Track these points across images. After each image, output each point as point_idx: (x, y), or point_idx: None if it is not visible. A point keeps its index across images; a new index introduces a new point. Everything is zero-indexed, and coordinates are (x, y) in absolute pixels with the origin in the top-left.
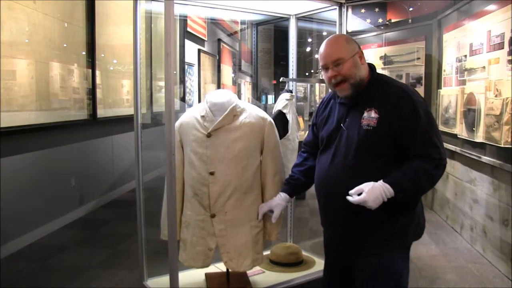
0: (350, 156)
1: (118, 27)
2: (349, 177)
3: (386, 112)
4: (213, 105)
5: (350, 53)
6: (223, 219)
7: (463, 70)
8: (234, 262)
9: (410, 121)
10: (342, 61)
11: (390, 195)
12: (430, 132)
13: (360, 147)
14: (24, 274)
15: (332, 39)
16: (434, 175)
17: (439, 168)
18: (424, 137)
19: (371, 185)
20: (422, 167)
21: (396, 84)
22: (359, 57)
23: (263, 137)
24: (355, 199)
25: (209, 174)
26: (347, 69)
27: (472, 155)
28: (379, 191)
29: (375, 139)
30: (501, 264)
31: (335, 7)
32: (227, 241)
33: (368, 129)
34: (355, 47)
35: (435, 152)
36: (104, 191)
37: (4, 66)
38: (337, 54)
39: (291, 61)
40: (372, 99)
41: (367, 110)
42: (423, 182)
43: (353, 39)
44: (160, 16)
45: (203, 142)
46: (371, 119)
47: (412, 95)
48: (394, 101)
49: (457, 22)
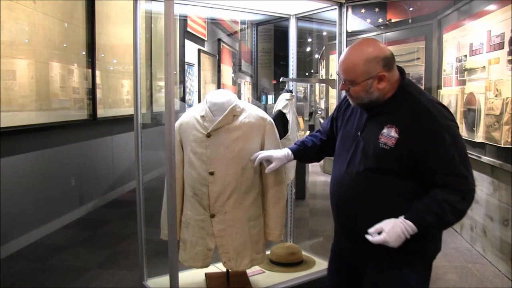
0: (364, 169)
1: (118, 27)
2: (362, 190)
3: (406, 133)
4: (213, 105)
5: (364, 77)
6: (223, 219)
7: (463, 70)
8: (232, 262)
9: (432, 147)
10: (353, 83)
11: (412, 232)
12: (456, 159)
13: (374, 163)
14: (24, 274)
15: (353, 53)
16: (461, 209)
17: (467, 200)
18: (450, 166)
19: (392, 223)
20: (447, 200)
21: (423, 100)
22: (379, 79)
23: (263, 137)
24: (375, 238)
25: (209, 174)
26: (355, 91)
27: (472, 155)
28: (401, 230)
29: (391, 160)
30: (501, 264)
31: (335, 7)
32: (226, 242)
33: (385, 148)
34: (375, 69)
35: (463, 182)
36: (104, 191)
37: (4, 66)
38: (350, 74)
39: (291, 61)
40: (395, 113)
41: (388, 126)
42: (448, 216)
43: (380, 57)
44: (160, 16)
45: (202, 142)
46: (390, 138)
47: (437, 116)
48: (417, 122)
49: (457, 22)
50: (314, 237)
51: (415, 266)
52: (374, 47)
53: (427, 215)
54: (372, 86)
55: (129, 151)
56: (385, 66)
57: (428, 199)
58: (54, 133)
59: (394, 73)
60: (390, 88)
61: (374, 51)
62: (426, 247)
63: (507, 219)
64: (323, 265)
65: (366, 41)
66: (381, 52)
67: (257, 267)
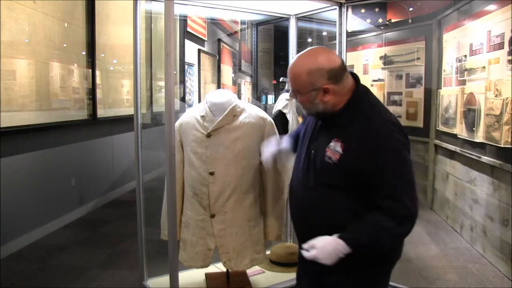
0: (315, 183)
1: (118, 27)
2: (313, 203)
3: (351, 150)
4: (213, 105)
5: (307, 88)
6: (223, 219)
7: (463, 70)
8: (232, 262)
9: (375, 169)
10: (299, 93)
11: (345, 252)
12: (396, 183)
13: (322, 177)
14: (24, 274)
15: (298, 64)
16: (396, 233)
17: (404, 225)
18: (390, 190)
19: (323, 241)
20: (381, 224)
21: (374, 118)
22: (324, 91)
23: (263, 137)
24: (306, 254)
25: (209, 174)
26: (302, 101)
27: (472, 155)
28: (332, 248)
29: (334, 174)
30: (501, 264)
31: (335, 7)
32: (226, 242)
33: (329, 163)
34: (318, 81)
35: (401, 208)
36: (104, 191)
37: (4, 66)
38: (294, 84)
39: (291, 61)
40: (344, 127)
41: (335, 140)
42: (383, 240)
43: (325, 68)
44: (160, 16)
45: (202, 142)
46: (335, 153)
47: (384, 138)
48: (362, 142)
49: (457, 22)
50: None
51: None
52: (321, 58)
53: (361, 236)
54: (317, 98)
55: (129, 151)
56: (330, 78)
57: (364, 221)
58: (54, 133)
59: (343, 85)
60: (341, 100)
61: (319, 63)
62: (383, 259)
63: (507, 219)
64: None
65: (314, 51)
66: (327, 63)
67: (257, 267)
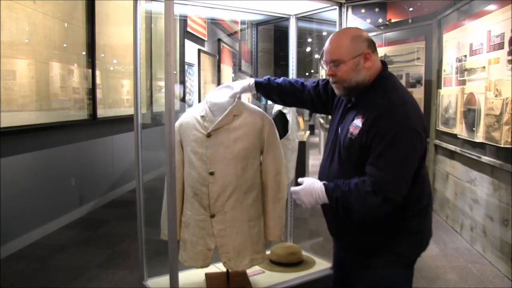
0: (339, 162)
1: (118, 27)
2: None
3: (367, 123)
4: (213, 105)
5: (351, 54)
6: (223, 219)
7: (463, 70)
8: (232, 262)
9: (376, 139)
10: (341, 62)
11: (323, 200)
12: (390, 161)
13: (344, 154)
14: (24, 274)
15: (338, 35)
16: (365, 198)
17: (378, 196)
18: (380, 162)
19: (311, 181)
20: (358, 185)
21: (394, 97)
22: (365, 58)
23: (263, 137)
24: (292, 188)
25: (209, 174)
26: (343, 72)
27: (472, 155)
28: (313, 190)
29: (354, 149)
30: (501, 264)
31: (335, 7)
32: (226, 242)
33: (351, 138)
34: (361, 47)
35: (383, 180)
36: (104, 191)
37: (4, 66)
38: (337, 54)
39: (291, 61)
40: (367, 105)
41: (358, 116)
42: (352, 199)
43: (364, 36)
44: (160, 16)
45: (203, 142)
46: (356, 128)
47: (397, 117)
48: (376, 115)
49: (457, 22)
50: (314, 237)
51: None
52: (357, 29)
53: (337, 189)
54: (359, 64)
55: (129, 151)
56: (369, 46)
57: (351, 179)
58: (54, 133)
59: (377, 57)
60: (372, 74)
61: (358, 31)
62: (402, 249)
63: (507, 219)
64: (323, 265)
65: (348, 28)
66: (365, 34)
67: (257, 267)
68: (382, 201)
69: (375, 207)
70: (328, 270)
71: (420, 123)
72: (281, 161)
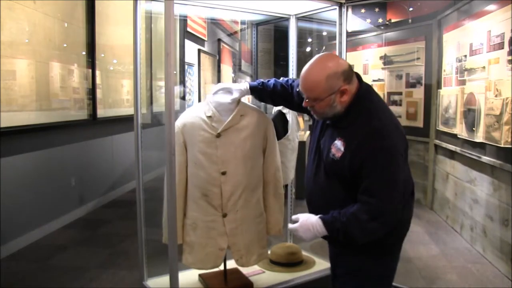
0: (325, 175)
1: (118, 27)
2: (324, 196)
3: (350, 149)
4: (219, 105)
5: (327, 92)
6: (234, 217)
7: (463, 70)
8: (244, 259)
9: (365, 167)
10: (317, 99)
11: (322, 233)
12: (378, 181)
13: (327, 171)
14: (24, 274)
15: (313, 73)
16: (366, 227)
17: (378, 223)
18: (367, 184)
19: (307, 217)
20: (355, 214)
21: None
22: (341, 93)
23: (266, 136)
24: (290, 226)
25: (221, 174)
26: (320, 107)
27: (472, 155)
28: (311, 225)
29: (337, 170)
30: (501, 264)
31: (335, 7)
32: (237, 240)
33: (333, 159)
34: (336, 84)
35: (378, 206)
36: (104, 191)
37: (4, 66)
38: (313, 93)
39: (291, 61)
40: (348, 125)
41: (339, 138)
42: (353, 230)
43: (340, 72)
44: (160, 16)
45: (212, 143)
46: (338, 150)
47: (380, 138)
48: (360, 141)
49: (457, 22)
50: None
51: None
52: (333, 62)
53: (336, 221)
54: (336, 100)
55: (129, 151)
56: (345, 79)
57: (345, 209)
58: (54, 133)
59: (353, 84)
60: (349, 100)
61: (333, 67)
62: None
63: (507, 219)
64: (323, 265)
65: (323, 58)
66: (340, 66)
67: (257, 267)
68: (382, 225)
69: (376, 232)
70: (328, 270)
71: (401, 141)
72: (279, 159)
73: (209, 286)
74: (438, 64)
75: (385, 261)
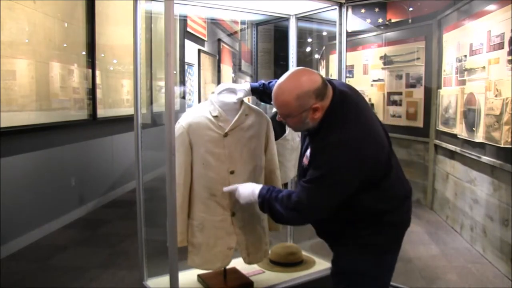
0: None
1: (118, 27)
2: None
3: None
4: (224, 104)
5: (299, 110)
6: (242, 216)
7: (463, 70)
8: (251, 257)
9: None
10: (289, 116)
11: (255, 198)
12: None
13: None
14: (24, 274)
15: (284, 91)
16: (286, 211)
17: (295, 212)
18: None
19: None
20: (284, 198)
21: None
22: (313, 111)
23: (267, 135)
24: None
25: (229, 173)
26: (293, 123)
27: (472, 155)
28: (251, 187)
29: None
30: (501, 264)
31: (335, 7)
32: (245, 238)
33: (303, 166)
34: (307, 103)
35: (301, 199)
36: (104, 191)
37: (4, 66)
38: (285, 111)
39: (291, 61)
40: (317, 136)
41: (310, 147)
42: (274, 207)
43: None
44: (160, 16)
45: (219, 142)
46: (307, 159)
47: (327, 154)
48: (313, 152)
49: (457, 22)
50: (314, 237)
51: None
52: (304, 80)
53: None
54: (308, 117)
55: (129, 151)
56: (317, 97)
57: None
58: (54, 133)
59: (327, 99)
60: (322, 115)
61: (304, 86)
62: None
63: (507, 219)
64: (323, 265)
65: (296, 74)
66: (312, 84)
67: (256, 267)
68: (299, 218)
69: (294, 221)
70: (328, 270)
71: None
72: (277, 157)
73: (209, 286)
74: (438, 64)
75: (379, 261)
